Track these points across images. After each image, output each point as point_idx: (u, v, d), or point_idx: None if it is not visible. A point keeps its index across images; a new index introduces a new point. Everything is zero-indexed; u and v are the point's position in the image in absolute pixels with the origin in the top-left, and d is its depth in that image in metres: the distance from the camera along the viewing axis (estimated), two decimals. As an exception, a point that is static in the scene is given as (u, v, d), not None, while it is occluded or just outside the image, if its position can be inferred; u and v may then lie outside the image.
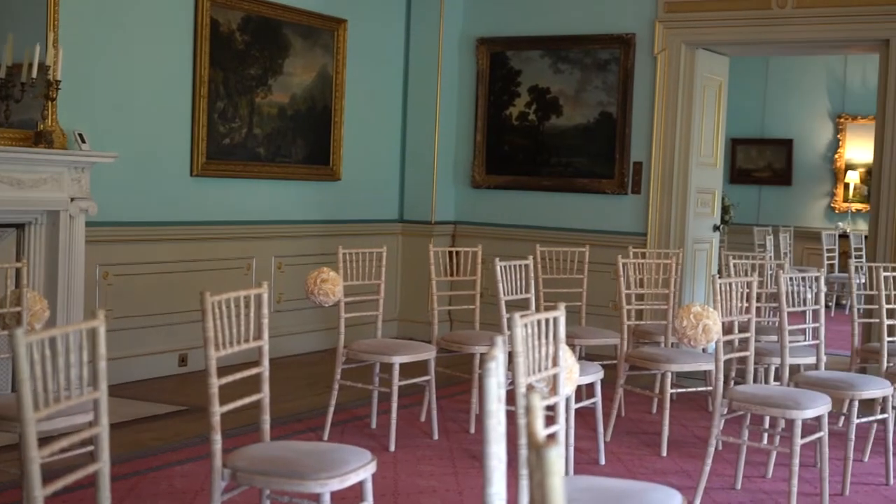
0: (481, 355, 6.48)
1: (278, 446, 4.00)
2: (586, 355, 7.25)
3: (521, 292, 6.48)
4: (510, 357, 3.25)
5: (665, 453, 6.12)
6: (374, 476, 3.89)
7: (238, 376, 3.91)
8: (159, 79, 7.69)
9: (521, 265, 6.50)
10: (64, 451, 3.28)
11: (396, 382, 5.97)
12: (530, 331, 3.35)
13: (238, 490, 3.90)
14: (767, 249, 11.86)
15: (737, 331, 5.58)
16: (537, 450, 1.68)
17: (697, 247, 9.36)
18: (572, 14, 9.48)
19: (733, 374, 6.79)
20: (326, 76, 9.08)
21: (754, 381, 6.40)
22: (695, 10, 8.94)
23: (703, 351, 6.68)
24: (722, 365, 5.20)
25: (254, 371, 4.00)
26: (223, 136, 8.16)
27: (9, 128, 6.32)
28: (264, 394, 4.04)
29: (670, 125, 9.07)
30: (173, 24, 7.76)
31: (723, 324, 5.20)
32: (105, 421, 3.22)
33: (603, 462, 5.89)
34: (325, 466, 3.69)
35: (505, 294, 6.32)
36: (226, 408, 3.81)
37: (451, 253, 7.44)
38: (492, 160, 9.90)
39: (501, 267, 6.31)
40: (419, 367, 6.45)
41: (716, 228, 9.69)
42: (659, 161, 9.10)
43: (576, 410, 5.80)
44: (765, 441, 5.84)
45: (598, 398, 5.81)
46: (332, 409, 6.21)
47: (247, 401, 3.95)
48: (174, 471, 5.43)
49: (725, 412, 5.23)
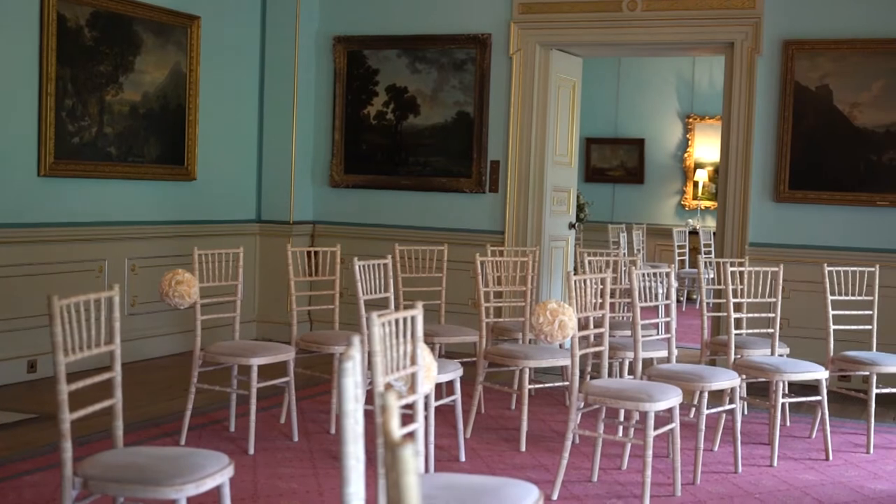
0: (340, 355, 6.45)
1: (132, 452, 3.90)
2: (446, 353, 7.31)
3: (381, 291, 6.50)
4: (369, 356, 3.24)
5: (524, 448, 6.21)
6: (232, 480, 3.84)
7: (89, 382, 3.81)
8: (3, 76, 7.42)
9: (380, 264, 6.51)
10: None
11: (255, 384, 5.89)
12: (388, 330, 3.36)
13: (90, 499, 3.78)
14: (621, 246, 12.13)
15: (592, 326, 5.70)
16: (393, 449, 1.68)
17: (554, 244, 9.52)
18: (429, 14, 9.52)
19: (589, 369, 6.95)
20: (180, 74, 8.90)
21: (609, 376, 6.56)
22: (548, 11, 9.09)
23: (560, 346, 6.80)
24: (578, 360, 5.30)
25: (106, 376, 3.91)
26: (72, 135, 7.92)
27: None
28: (117, 399, 3.95)
29: (526, 125, 9.20)
30: (18, 19, 7.48)
31: (578, 320, 5.31)
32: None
33: (463, 459, 5.94)
34: (180, 472, 3.62)
35: (364, 293, 6.32)
36: (76, 414, 3.71)
37: (309, 253, 7.40)
38: (350, 159, 9.86)
39: (360, 266, 6.30)
40: (278, 369, 6.40)
41: (571, 226, 9.87)
42: (516, 160, 9.22)
43: (436, 408, 5.84)
44: (620, 433, 5.98)
45: (458, 395, 5.86)
46: (188, 413, 6.09)
47: (98, 407, 3.86)
48: (23, 481, 5.24)
49: (582, 406, 5.34)
